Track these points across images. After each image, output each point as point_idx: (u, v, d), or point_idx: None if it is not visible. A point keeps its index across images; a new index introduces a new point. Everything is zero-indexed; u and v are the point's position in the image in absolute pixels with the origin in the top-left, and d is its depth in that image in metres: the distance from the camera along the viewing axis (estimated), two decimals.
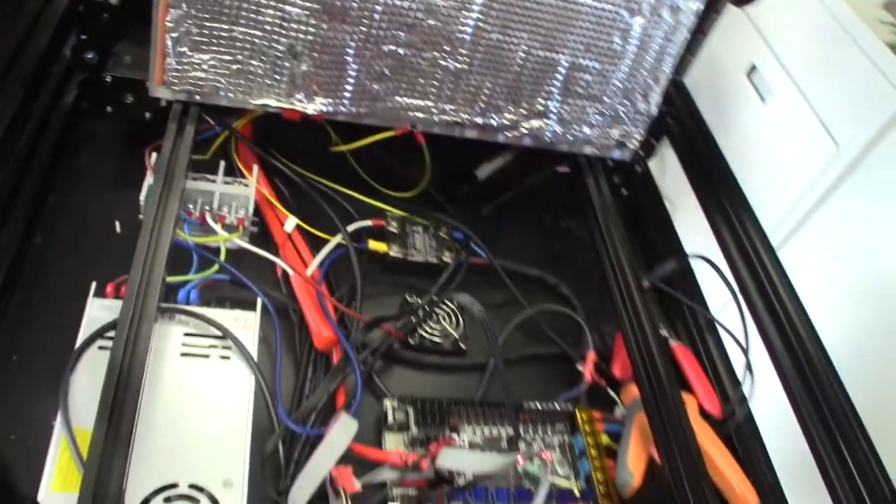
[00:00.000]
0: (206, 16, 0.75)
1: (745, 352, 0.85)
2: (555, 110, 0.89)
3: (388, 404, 0.73)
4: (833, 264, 1.42)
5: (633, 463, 0.74)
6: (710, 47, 1.69)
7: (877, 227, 1.35)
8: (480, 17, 0.80)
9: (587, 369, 0.83)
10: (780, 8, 1.68)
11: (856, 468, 0.71)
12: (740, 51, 1.77)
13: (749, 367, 0.84)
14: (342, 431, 0.63)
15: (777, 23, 1.69)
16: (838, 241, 1.42)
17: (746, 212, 0.92)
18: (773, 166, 1.63)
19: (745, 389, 0.84)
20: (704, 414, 0.84)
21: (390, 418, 0.72)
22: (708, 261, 0.93)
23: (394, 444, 0.72)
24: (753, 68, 1.74)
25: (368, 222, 0.88)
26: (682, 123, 1.03)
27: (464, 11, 0.79)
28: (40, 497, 0.59)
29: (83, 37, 0.85)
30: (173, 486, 0.62)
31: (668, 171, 1.20)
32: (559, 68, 0.86)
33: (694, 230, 1.02)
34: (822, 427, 0.74)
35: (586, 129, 0.91)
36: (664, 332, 0.92)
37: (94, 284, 0.72)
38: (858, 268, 1.37)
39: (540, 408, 0.79)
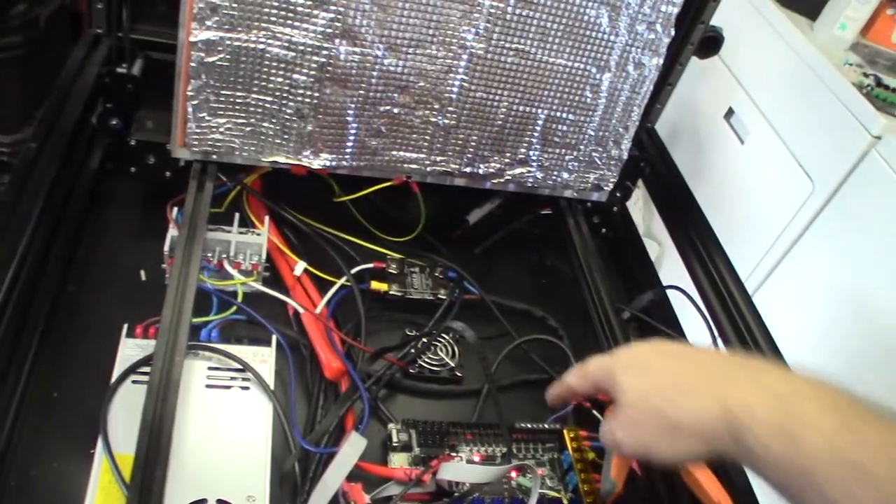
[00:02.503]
0: (223, 85, 0.84)
1: None
2: (535, 158, 0.98)
3: (393, 427, 0.81)
4: (814, 291, 1.50)
5: (617, 473, 0.82)
6: (690, 93, 1.80)
7: (852, 257, 1.44)
8: (465, 78, 0.90)
9: None
10: (754, 54, 1.78)
11: None
12: (718, 95, 1.87)
13: None
14: (352, 447, 0.71)
15: (752, 68, 1.79)
16: (816, 272, 1.51)
17: (715, 247, 1.00)
18: (753, 203, 1.72)
19: None
20: None
21: (395, 440, 0.80)
22: (682, 290, 1.01)
23: (399, 463, 0.79)
24: (731, 111, 1.84)
25: (370, 265, 0.95)
26: (655, 167, 1.12)
27: (451, 74, 0.89)
28: None
29: (108, 105, 0.94)
30: (203, 501, 0.69)
31: (653, 211, 1.28)
32: (538, 121, 0.95)
33: (679, 264, 1.09)
34: None
35: (565, 175, 1.00)
36: None
37: (125, 326, 0.80)
38: (836, 296, 1.45)
39: (531, 427, 0.86)
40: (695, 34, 1.03)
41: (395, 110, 0.90)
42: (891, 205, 1.36)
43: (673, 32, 0.94)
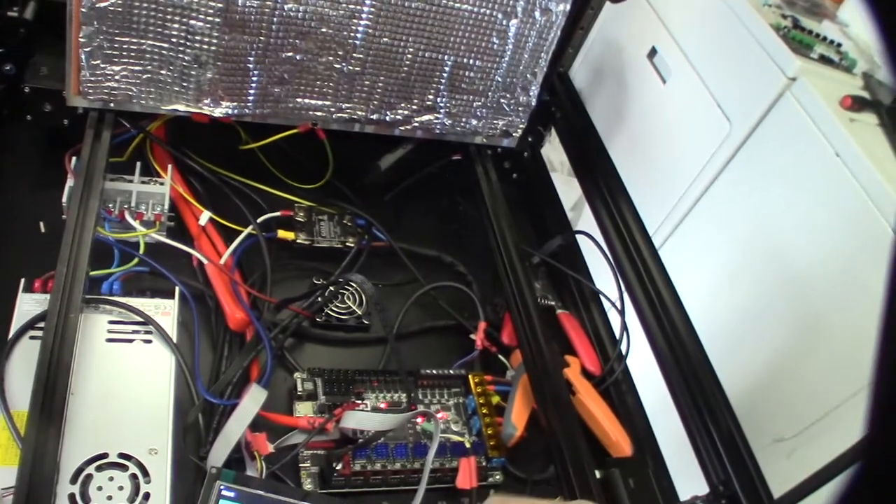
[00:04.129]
0: (117, 31, 0.81)
1: (622, 314, 0.96)
2: (443, 105, 0.98)
3: (298, 376, 0.82)
4: (726, 234, 1.54)
5: (517, 417, 0.84)
6: (615, 32, 1.80)
7: (763, 199, 1.48)
8: (369, 23, 0.88)
9: (479, 338, 0.92)
10: None
11: (707, 411, 0.82)
12: (642, 35, 1.88)
13: (625, 328, 0.95)
14: (252, 399, 0.72)
15: (674, 7, 1.80)
16: (728, 214, 1.54)
17: (622, 194, 1.02)
18: (674, 142, 1.74)
19: (622, 348, 0.95)
20: (586, 373, 0.94)
21: (300, 389, 0.81)
22: (589, 236, 1.04)
23: (304, 412, 0.80)
24: (654, 51, 1.85)
25: (277, 213, 0.95)
26: (566, 113, 1.13)
27: (354, 19, 0.88)
28: None
29: (0, 50, 0.90)
30: (104, 455, 0.69)
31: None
32: (444, 67, 0.95)
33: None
34: (681, 378, 0.85)
35: (473, 121, 1.00)
36: (552, 302, 1.02)
37: (22, 281, 0.78)
38: (746, 239, 1.49)
39: (436, 373, 0.88)
40: None
41: (298, 57, 0.88)
42: (802, 146, 1.40)
43: None
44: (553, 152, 1.34)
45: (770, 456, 0.93)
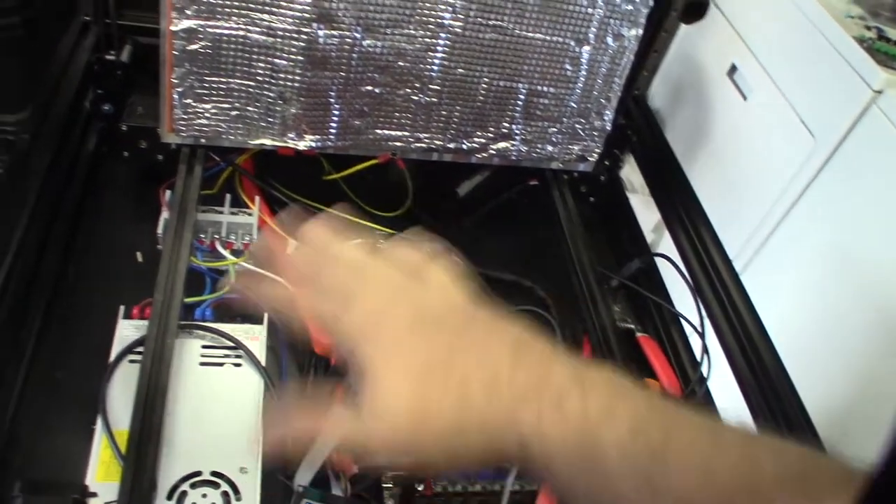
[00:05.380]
0: (206, 71, 0.86)
1: (702, 337, 0.95)
2: (518, 132, 1.00)
3: None
4: (817, 249, 1.50)
5: None
6: (694, 50, 1.79)
7: (851, 216, 1.44)
8: (444, 56, 0.91)
9: None
10: (756, 9, 1.77)
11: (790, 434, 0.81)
12: (721, 52, 1.86)
13: (705, 350, 0.94)
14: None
15: (754, 23, 1.78)
16: (816, 231, 1.51)
17: (700, 217, 1.02)
18: (757, 159, 1.72)
19: (703, 370, 0.94)
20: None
21: None
22: (668, 258, 1.03)
23: None
24: (734, 68, 1.83)
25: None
26: (641, 136, 1.13)
27: (429, 52, 0.91)
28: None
29: (100, 91, 0.97)
30: (198, 473, 0.72)
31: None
32: (519, 95, 0.97)
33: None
34: (764, 403, 0.84)
35: (548, 147, 1.02)
36: (631, 325, 1.02)
37: (122, 308, 0.83)
38: (833, 257, 1.45)
39: None
40: (677, 1, 1.04)
41: (377, 90, 0.92)
42: (891, 159, 1.36)
43: (652, 2, 0.95)
44: (633, 174, 1.34)
45: None
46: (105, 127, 0.99)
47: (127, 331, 0.82)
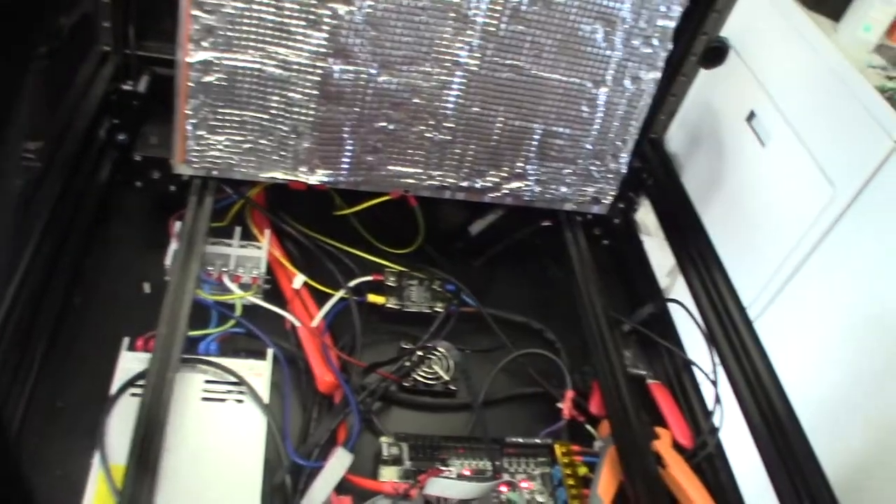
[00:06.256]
0: (221, 103, 0.86)
1: (715, 385, 0.93)
2: (532, 172, 0.99)
3: (383, 441, 0.82)
4: (834, 299, 1.48)
5: (604, 490, 0.82)
6: (713, 96, 1.78)
7: (870, 266, 1.42)
8: (460, 94, 0.91)
9: (566, 407, 0.91)
10: (776, 56, 1.76)
11: (806, 493, 0.78)
12: (741, 98, 1.85)
13: (718, 400, 0.92)
14: (338, 462, 0.73)
15: (774, 70, 1.77)
16: (833, 281, 1.49)
17: (715, 263, 1.00)
18: (774, 207, 1.70)
19: (715, 420, 0.92)
20: (677, 446, 0.92)
21: (385, 453, 0.81)
22: (681, 304, 1.02)
23: (388, 476, 0.80)
24: (753, 114, 1.83)
25: (368, 277, 0.97)
26: (657, 179, 1.12)
27: (445, 90, 0.90)
28: None
29: (115, 121, 0.97)
30: None
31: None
32: (534, 135, 0.96)
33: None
34: (777, 455, 0.82)
35: (563, 189, 1.01)
36: (642, 371, 1.00)
37: (126, 339, 0.82)
38: (851, 307, 1.43)
39: (522, 441, 0.87)
40: (696, 46, 1.03)
41: (391, 126, 0.91)
42: None
43: (671, 46, 0.94)
44: (648, 217, 1.32)
45: None
46: (119, 156, 0.99)
47: (130, 363, 0.81)
